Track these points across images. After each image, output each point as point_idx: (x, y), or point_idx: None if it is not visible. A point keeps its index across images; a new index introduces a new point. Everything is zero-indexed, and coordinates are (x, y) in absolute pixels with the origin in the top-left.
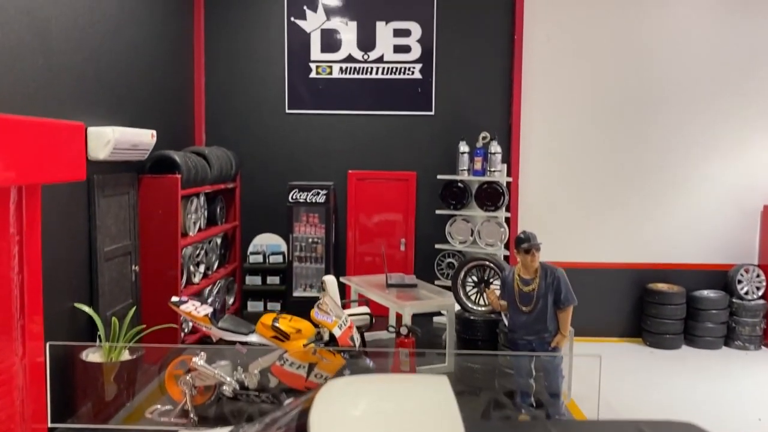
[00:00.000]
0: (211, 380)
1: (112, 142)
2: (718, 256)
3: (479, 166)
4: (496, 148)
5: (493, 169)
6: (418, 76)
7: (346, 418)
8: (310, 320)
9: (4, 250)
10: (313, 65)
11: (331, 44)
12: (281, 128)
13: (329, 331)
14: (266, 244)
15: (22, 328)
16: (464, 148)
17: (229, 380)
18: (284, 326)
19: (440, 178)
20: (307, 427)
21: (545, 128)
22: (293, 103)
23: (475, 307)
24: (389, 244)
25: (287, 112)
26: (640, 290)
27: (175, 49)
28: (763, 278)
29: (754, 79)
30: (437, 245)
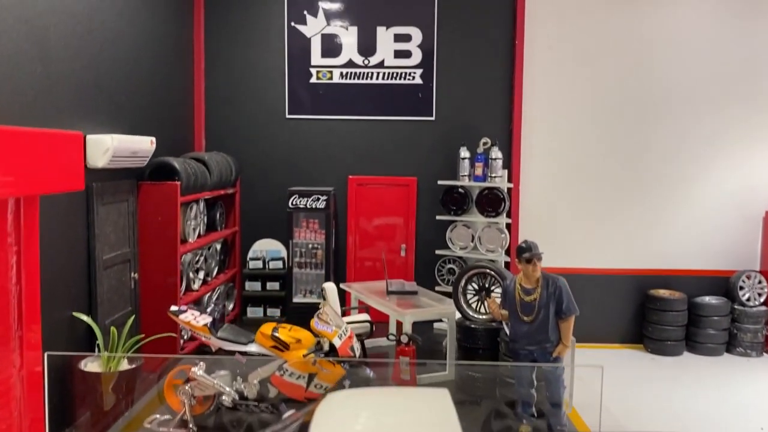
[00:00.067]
0: (210, 390)
1: (111, 150)
2: (719, 262)
3: (480, 171)
4: (496, 153)
5: (493, 174)
6: (418, 81)
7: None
8: (309, 329)
9: (2, 260)
10: (313, 70)
11: (331, 49)
12: (281, 133)
13: (329, 341)
14: (266, 249)
15: (20, 338)
16: (465, 153)
17: (228, 390)
18: (284, 336)
19: (441, 183)
20: None
21: (546, 134)
22: (293, 108)
23: (475, 315)
24: (390, 249)
25: (287, 117)
26: (641, 296)
27: (174, 54)
28: (764, 284)
29: (756, 85)
30: (438, 251)
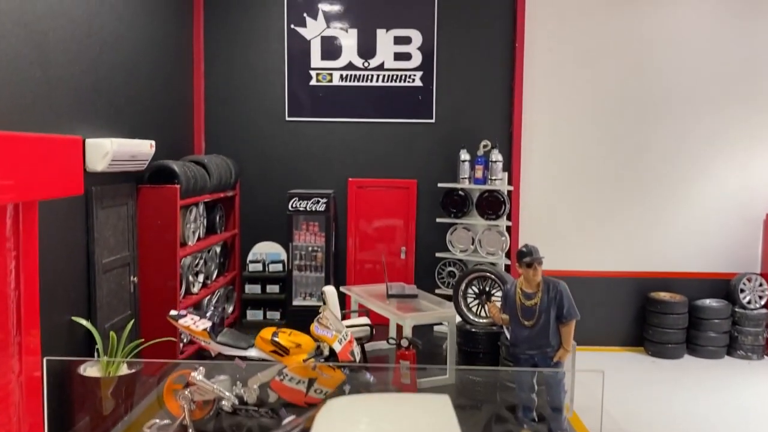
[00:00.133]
0: (210, 395)
1: (110, 153)
2: (720, 264)
3: (480, 174)
4: (497, 156)
5: (494, 177)
6: (418, 83)
7: None
8: (309, 333)
9: (1, 265)
10: (313, 73)
11: (331, 51)
12: (281, 136)
13: (329, 345)
14: (266, 252)
15: (19, 343)
16: (465, 156)
17: (228, 395)
18: (284, 341)
19: (441, 186)
20: None
21: (546, 136)
22: (293, 110)
23: (476, 319)
24: (390, 252)
25: (287, 119)
26: (642, 299)
27: (174, 57)
28: (765, 287)
29: (756, 85)
30: (438, 254)
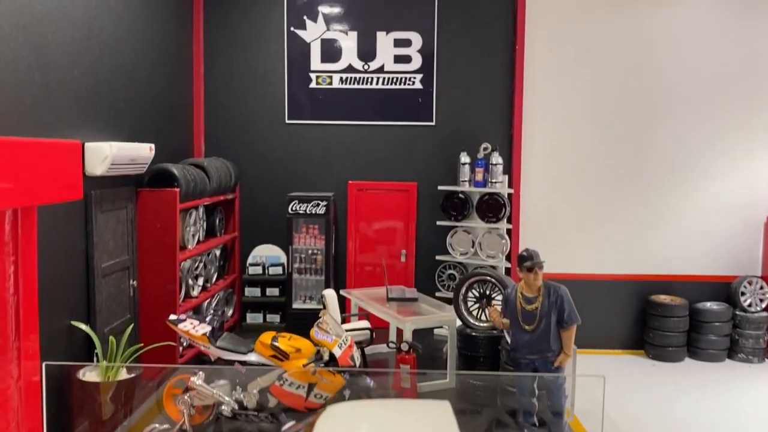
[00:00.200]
0: (209, 400)
1: (109, 157)
2: (720, 267)
3: (480, 177)
4: (497, 159)
5: (494, 180)
6: (418, 86)
7: None
8: (309, 338)
9: None
10: (313, 75)
11: (331, 54)
12: (281, 139)
13: (329, 350)
14: (266, 255)
15: (17, 349)
16: (465, 158)
17: (227, 400)
18: (283, 345)
19: (441, 189)
20: None
21: (547, 139)
22: (293, 113)
23: (476, 322)
24: (390, 255)
25: (287, 122)
26: (642, 302)
27: (174, 60)
28: (766, 290)
29: (757, 88)
30: (438, 257)
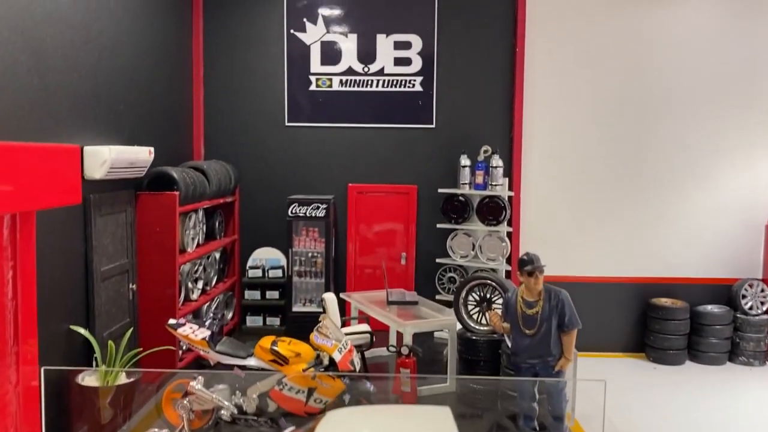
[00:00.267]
0: (208, 404)
1: (108, 161)
2: (721, 270)
3: (480, 179)
4: (497, 161)
5: (494, 182)
6: (418, 88)
7: None
8: (309, 341)
9: None
10: (313, 78)
11: (331, 57)
12: (281, 141)
13: (329, 355)
14: (266, 258)
15: (16, 354)
16: (465, 161)
17: (227, 404)
18: (283, 350)
19: (441, 191)
20: None
21: (547, 142)
22: (293, 116)
23: (477, 326)
24: (390, 258)
25: (287, 125)
26: (643, 305)
27: (173, 63)
28: (767, 293)
29: (758, 89)
30: (438, 259)
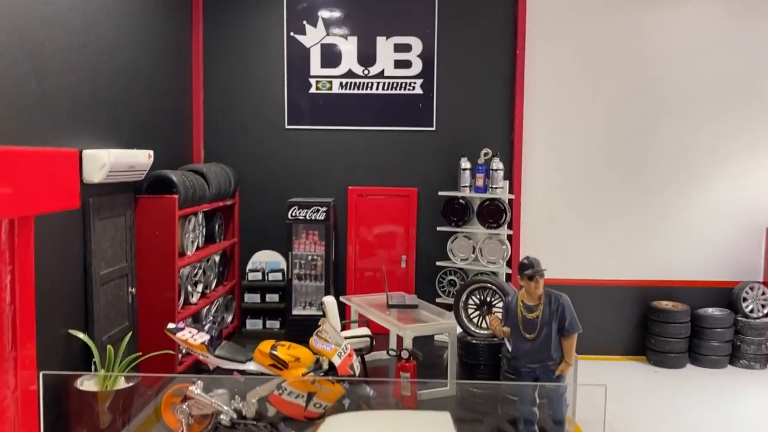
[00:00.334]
0: (208, 409)
1: (107, 165)
2: (722, 273)
3: (481, 182)
4: (497, 164)
5: (494, 185)
6: (419, 91)
7: None
8: (308, 347)
9: None
10: (312, 80)
11: (331, 59)
12: (281, 144)
13: (328, 359)
14: (265, 261)
15: (14, 359)
16: (466, 164)
17: (226, 409)
18: (282, 354)
19: (441, 194)
20: None
21: (548, 144)
22: (293, 118)
23: (477, 330)
24: (390, 261)
25: (287, 127)
26: (643, 308)
27: (173, 66)
28: None
29: (760, 92)
30: (438, 262)
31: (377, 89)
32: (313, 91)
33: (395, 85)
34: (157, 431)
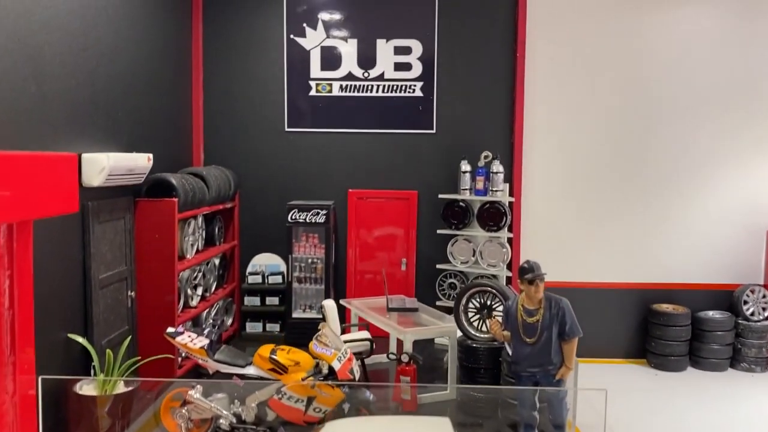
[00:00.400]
0: (207, 413)
1: (106, 168)
2: (723, 276)
3: (481, 185)
4: (498, 167)
5: (495, 188)
6: (419, 94)
7: None
8: (308, 351)
9: None
10: (312, 83)
11: (331, 62)
12: (281, 147)
13: (328, 364)
14: (265, 264)
15: (12, 364)
16: (466, 167)
17: (225, 413)
18: (282, 358)
19: (441, 197)
20: None
21: (548, 147)
22: (293, 121)
23: (477, 333)
24: (390, 264)
25: (287, 130)
26: (644, 311)
27: (172, 69)
28: None
29: (760, 96)
30: (438, 265)
31: (377, 92)
32: (313, 93)
33: (395, 87)
34: None
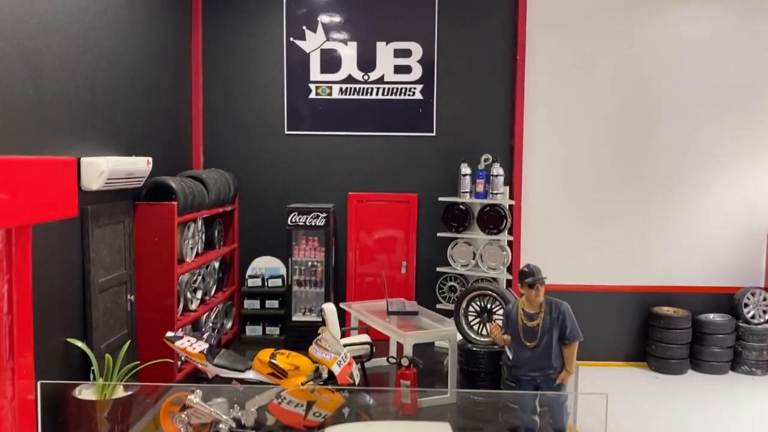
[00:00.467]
0: (206, 418)
1: (106, 172)
2: (723, 279)
3: (481, 188)
4: (498, 170)
5: (495, 191)
6: (419, 96)
7: None
8: (308, 355)
9: None
10: (312, 86)
11: (330, 64)
12: (280, 150)
13: (328, 368)
14: (265, 267)
15: (11, 368)
16: (466, 170)
17: (225, 418)
18: (282, 363)
19: (442, 200)
20: None
21: (548, 150)
22: (292, 124)
23: (477, 337)
24: (390, 267)
25: (286, 133)
26: (644, 314)
27: (172, 72)
28: None
29: (761, 97)
30: (439, 268)
31: (377, 95)
32: (312, 96)
33: (395, 90)
34: None
